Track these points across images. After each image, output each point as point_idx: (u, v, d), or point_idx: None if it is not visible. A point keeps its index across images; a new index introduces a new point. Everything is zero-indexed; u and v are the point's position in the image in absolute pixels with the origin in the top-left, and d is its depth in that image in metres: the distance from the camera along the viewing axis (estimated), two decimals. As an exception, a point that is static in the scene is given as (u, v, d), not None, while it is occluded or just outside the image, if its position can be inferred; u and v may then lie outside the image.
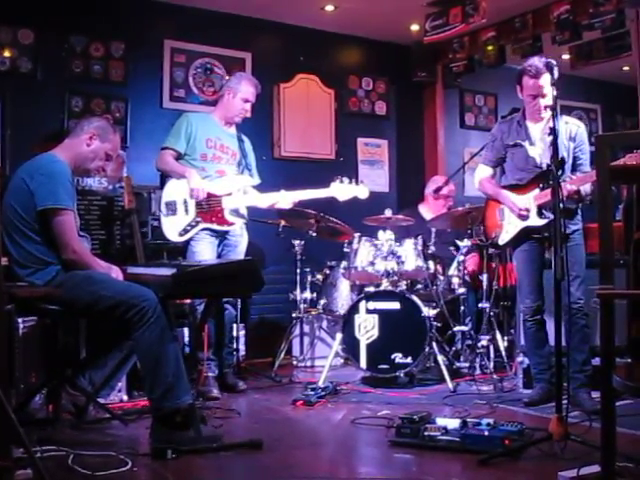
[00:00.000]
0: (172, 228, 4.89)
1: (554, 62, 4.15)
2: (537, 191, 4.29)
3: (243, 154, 5.13)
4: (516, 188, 4.42)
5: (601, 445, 2.36)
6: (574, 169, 4.34)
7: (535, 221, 4.30)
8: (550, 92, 4.12)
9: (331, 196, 4.83)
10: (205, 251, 4.84)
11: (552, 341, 4.28)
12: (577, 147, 4.36)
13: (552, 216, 4.14)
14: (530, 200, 4.31)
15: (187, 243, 4.88)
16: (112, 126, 4.03)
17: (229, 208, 4.88)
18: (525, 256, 4.42)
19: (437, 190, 6.26)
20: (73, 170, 3.78)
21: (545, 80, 4.17)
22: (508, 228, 4.46)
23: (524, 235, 4.39)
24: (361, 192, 4.84)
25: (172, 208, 4.90)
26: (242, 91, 5.03)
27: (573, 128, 4.38)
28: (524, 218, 4.33)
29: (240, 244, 5.05)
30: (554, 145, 3.56)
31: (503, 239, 4.50)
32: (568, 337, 4.16)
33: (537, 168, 4.33)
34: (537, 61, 4.22)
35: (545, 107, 4.15)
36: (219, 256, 4.94)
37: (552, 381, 4.21)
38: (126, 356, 3.87)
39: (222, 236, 4.96)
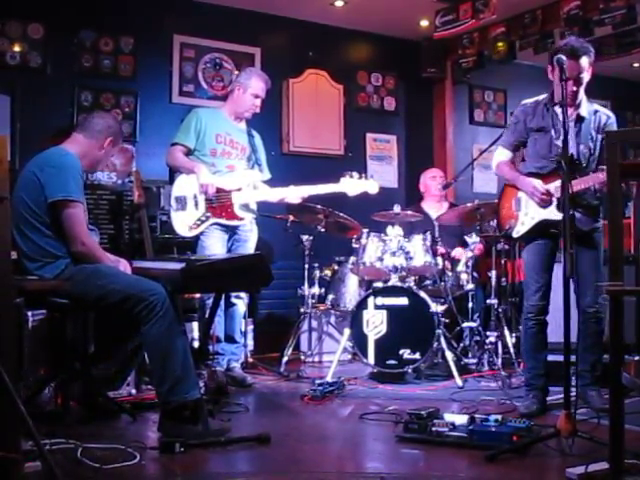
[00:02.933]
0: (182, 223, 4.90)
1: (590, 46, 4.01)
2: (559, 182, 3.92)
3: (253, 149, 5.13)
4: (536, 177, 4.10)
5: (609, 442, 2.36)
6: (600, 163, 3.99)
7: (554, 214, 4.00)
8: (586, 77, 3.97)
9: (341, 191, 4.82)
10: (215, 246, 4.85)
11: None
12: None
13: (572, 210, 4.06)
14: (551, 190, 4.02)
15: (197, 238, 4.89)
16: (121, 126, 4.08)
17: (239, 203, 4.88)
18: (537, 251, 4.14)
19: (446, 186, 6.28)
20: (82, 166, 3.79)
21: (582, 62, 3.92)
22: (524, 220, 4.16)
23: (539, 229, 4.10)
24: (371, 187, 4.83)
25: (182, 203, 4.91)
26: (252, 87, 5.03)
27: (602, 118, 4.09)
28: (545, 204, 4.02)
29: (250, 239, 5.06)
30: (564, 140, 3.45)
31: (518, 231, 4.19)
32: (580, 338, 4.12)
33: None
34: (575, 41, 4.00)
35: (573, 93, 3.96)
36: (229, 251, 4.95)
37: (545, 388, 4.14)
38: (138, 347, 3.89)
39: (232, 231, 4.97)
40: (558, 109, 4.08)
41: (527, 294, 4.25)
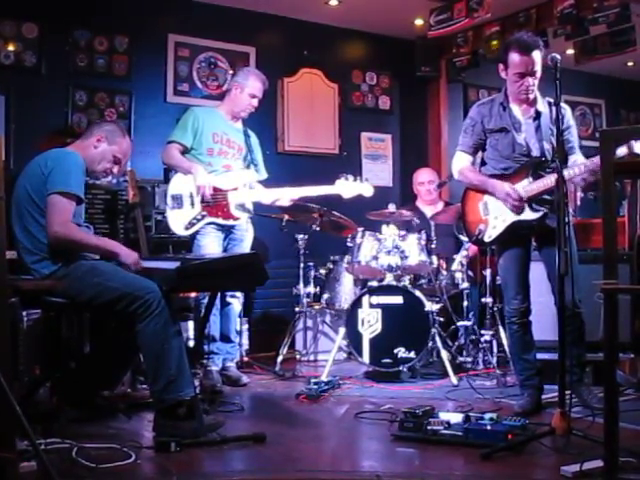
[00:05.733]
0: (178, 222, 4.89)
1: (540, 40, 3.97)
2: (526, 182, 3.97)
3: (249, 149, 5.13)
4: (501, 179, 4.06)
5: (604, 440, 2.37)
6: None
7: (527, 215, 3.98)
8: (540, 71, 3.92)
9: (335, 194, 4.83)
10: (211, 245, 4.85)
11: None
12: (565, 130, 3.91)
13: (545, 209, 3.95)
14: (521, 194, 3.98)
15: (193, 237, 4.88)
16: (122, 130, 4.08)
17: (235, 203, 4.88)
18: (512, 254, 4.08)
19: (440, 185, 6.30)
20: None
21: (535, 57, 3.88)
22: (495, 223, 4.09)
23: (512, 231, 4.05)
24: (365, 190, 4.84)
25: (178, 201, 4.90)
26: (250, 86, 5.03)
27: (561, 111, 3.76)
28: (519, 210, 3.99)
29: (246, 238, 5.06)
30: (557, 135, 3.44)
31: (490, 235, 4.11)
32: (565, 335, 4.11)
33: (525, 156, 4.03)
34: (526, 36, 3.97)
35: (530, 88, 3.93)
36: (225, 250, 4.95)
37: (540, 387, 4.13)
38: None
39: (228, 230, 4.97)
40: (515, 107, 4.09)
41: (507, 298, 4.18)
